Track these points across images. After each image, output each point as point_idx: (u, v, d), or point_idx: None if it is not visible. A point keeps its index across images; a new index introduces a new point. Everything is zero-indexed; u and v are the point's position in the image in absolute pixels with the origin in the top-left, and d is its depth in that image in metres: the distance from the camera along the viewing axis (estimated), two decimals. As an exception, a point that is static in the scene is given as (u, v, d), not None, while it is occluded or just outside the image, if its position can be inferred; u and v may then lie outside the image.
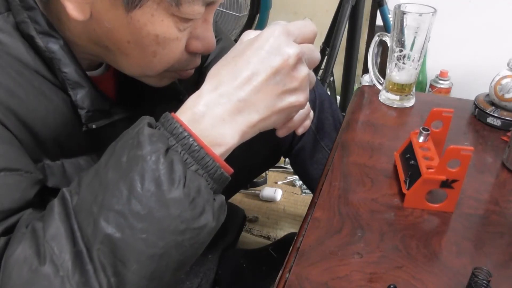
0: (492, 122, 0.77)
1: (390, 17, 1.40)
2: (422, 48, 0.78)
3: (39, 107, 0.46)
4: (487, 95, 0.80)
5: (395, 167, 0.65)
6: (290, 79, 0.43)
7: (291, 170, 1.47)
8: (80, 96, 0.48)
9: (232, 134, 0.42)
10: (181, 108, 0.42)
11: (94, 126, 0.50)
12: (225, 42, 0.82)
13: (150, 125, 0.40)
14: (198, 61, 0.54)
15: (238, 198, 1.39)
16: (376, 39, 0.84)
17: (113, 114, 0.53)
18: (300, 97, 0.45)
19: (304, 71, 0.44)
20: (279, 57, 0.42)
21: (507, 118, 0.75)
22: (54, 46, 0.46)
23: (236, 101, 0.41)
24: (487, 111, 0.77)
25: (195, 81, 0.78)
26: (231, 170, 0.43)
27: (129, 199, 0.36)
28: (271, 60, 0.42)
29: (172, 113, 0.41)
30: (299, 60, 0.43)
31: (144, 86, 0.58)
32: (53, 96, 0.47)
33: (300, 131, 0.56)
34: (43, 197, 0.49)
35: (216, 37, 0.82)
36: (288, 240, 1.11)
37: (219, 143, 0.41)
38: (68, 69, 0.47)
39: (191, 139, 0.39)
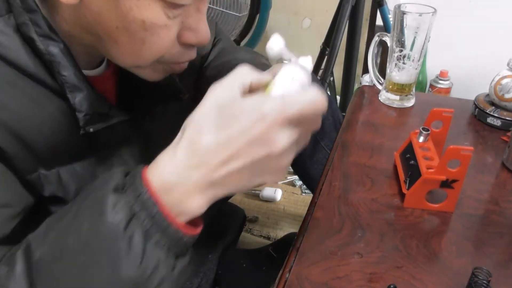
0: (492, 122, 0.77)
1: (390, 17, 1.40)
2: (422, 48, 0.78)
3: (33, 117, 0.46)
4: (487, 95, 0.80)
5: (395, 167, 0.65)
6: (270, 168, 0.40)
7: (291, 170, 1.46)
8: (79, 99, 0.48)
9: (200, 205, 0.40)
10: (153, 166, 0.40)
11: (91, 130, 0.49)
12: (224, 43, 0.82)
13: (116, 189, 0.38)
14: (192, 54, 0.52)
15: (238, 198, 1.39)
16: (376, 39, 0.84)
17: (111, 117, 0.53)
18: (276, 177, 0.41)
19: (288, 159, 0.40)
20: (264, 149, 0.38)
21: (507, 118, 0.75)
22: (54, 49, 0.46)
23: (209, 181, 0.39)
24: (487, 111, 0.77)
25: (195, 80, 0.78)
26: (198, 231, 0.42)
27: (84, 273, 0.38)
28: (254, 149, 0.38)
29: (143, 172, 0.39)
30: (286, 151, 0.39)
31: (143, 85, 0.58)
32: (48, 104, 0.47)
33: None
34: (39, 208, 0.50)
35: (215, 37, 0.82)
36: (288, 240, 1.11)
37: (185, 212, 0.40)
38: (67, 72, 0.47)
39: (155, 209, 0.38)
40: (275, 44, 0.45)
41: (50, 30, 0.46)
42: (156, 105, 0.65)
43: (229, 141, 0.38)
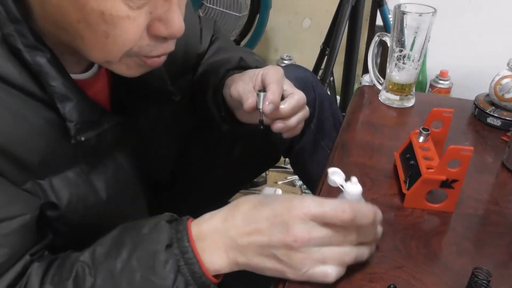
0: (492, 122, 0.77)
1: (390, 17, 1.40)
2: (422, 48, 0.78)
3: (20, 133, 0.45)
4: (487, 95, 0.80)
5: (395, 167, 0.65)
6: (291, 258, 0.43)
7: (291, 170, 1.47)
8: (68, 108, 0.47)
9: (222, 261, 0.46)
10: (196, 221, 0.47)
11: (83, 138, 0.49)
12: (222, 42, 0.81)
13: (167, 246, 0.44)
14: (167, 47, 0.49)
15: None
16: (376, 39, 0.84)
17: (102, 123, 0.52)
18: (290, 272, 0.44)
19: (313, 257, 0.43)
20: (282, 233, 0.42)
21: (507, 118, 0.75)
22: (41, 60, 0.45)
23: (233, 243, 0.45)
24: (487, 111, 0.77)
25: (189, 81, 0.77)
26: (220, 279, 0.48)
27: None
28: (273, 232, 0.43)
29: (188, 228, 0.45)
30: (304, 244, 0.42)
31: (135, 85, 0.57)
32: (36, 117, 0.46)
33: (285, 135, 0.64)
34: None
35: (212, 35, 0.82)
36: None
37: (211, 263, 0.45)
38: (56, 83, 0.46)
39: (197, 266, 0.44)
40: (336, 177, 0.53)
41: (36, 40, 0.45)
42: (150, 105, 0.64)
43: (258, 218, 0.44)
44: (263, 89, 0.59)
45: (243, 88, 0.61)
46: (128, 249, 0.45)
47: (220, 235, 0.45)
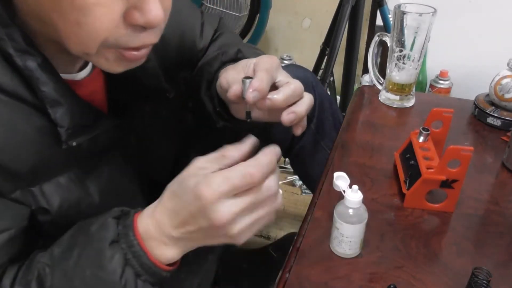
0: (492, 122, 0.77)
1: (390, 17, 1.40)
2: (422, 48, 0.78)
3: (10, 143, 0.44)
4: (487, 95, 0.80)
5: (395, 167, 0.65)
6: (223, 234, 0.44)
7: (291, 170, 1.47)
8: (60, 114, 0.46)
9: (173, 253, 0.47)
10: (141, 217, 0.47)
11: (74, 143, 0.48)
12: (226, 38, 0.78)
13: (112, 242, 0.45)
14: (147, 39, 0.45)
15: (238, 198, 1.39)
16: (376, 39, 0.84)
17: (96, 127, 0.51)
18: (234, 241, 0.45)
19: (239, 226, 0.44)
20: (206, 221, 0.43)
21: (507, 118, 0.75)
22: (32, 64, 0.44)
23: (173, 237, 0.46)
24: (487, 111, 0.77)
25: (186, 78, 0.75)
26: (175, 267, 0.49)
27: None
28: (198, 221, 0.44)
29: (134, 223, 0.46)
30: (234, 219, 0.43)
31: (130, 83, 0.56)
32: (26, 125, 0.46)
33: (298, 132, 0.58)
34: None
35: (216, 31, 0.78)
36: (288, 240, 1.11)
37: (163, 257, 0.47)
38: (46, 88, 0.45)
39: (145, 257, 0.46)
40: (340, 182, 0.54)
41: (27, 44, 0.44)
42: (146, 103, 0.63)
43: (177, 211, 0.45)
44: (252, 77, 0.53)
45: (232, 77, 0.57)
46: (79, 248, 0.46)
47: (160, 233, 0.46)
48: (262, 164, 0.43)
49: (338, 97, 1.60)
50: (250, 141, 0.47)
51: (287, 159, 1.46)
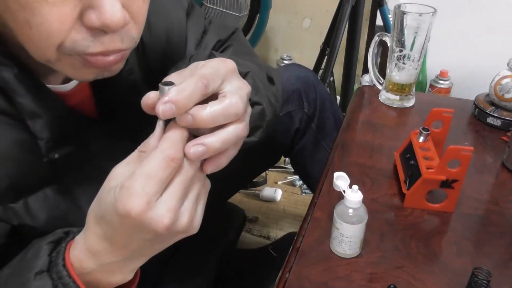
0: (492, 122, 0.77)
1: (390, 17, 1.40)
2: (422, 48, 0.78)
3: None
4: (487, 95, 0.80)
5: (395, 167, 0.65)
6: (174, 232, 0.38)
7: (291, 170, 1.47)
8: (39, 126, 0.44)
9: (121, 278, 0.42)
10: (73, 247, 0.42)
11: (56, 156, 0.46)
12: (233, 52, 0.69)
13: (39, 272, 0.40)
14: (109, 44, 0.41)
15: (238, 198, 1.39)
16: (376, 39, 0.84)
17: (79, 139, 0.49)
18: (190, 230, 0.39)
19: (188, 214, 0.38)
20: (149, 232, 0.37)
21: (507, 118, 0.75)
22: (8, 75, 0.42)
23: (117, 261, 0.41)
24: (487, 111, 0.77)
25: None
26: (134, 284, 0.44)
27: None
28: (139, 236, 0.38)
29: (66, 253, 0.41)
30: (173, 221, 0.37)
31: (115, 93, 0.54)
32: (4, 141, 0.43)
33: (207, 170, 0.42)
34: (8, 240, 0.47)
35: (223, 42, 0.71)
36: (288, 240, 1.11)
37: (111, 284, 0.42)
38: (24, 100, 0.43)
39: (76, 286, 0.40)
40: (340, 182, 0.53)
41: (2, 55, 0.42)
42: (133, 109, 0.60)
43: (110, 236, 0.39)
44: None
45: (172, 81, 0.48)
46: (12, 277, 0.42)
47: (99, 264, 0.41)
48: (175, 140, 0.37)
49: (338, 97, 1.60)
50: (160, 123, 0.39)
51: (287, 159, 1.46)
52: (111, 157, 0.54)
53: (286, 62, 1.92)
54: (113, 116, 0.56)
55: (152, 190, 0.35)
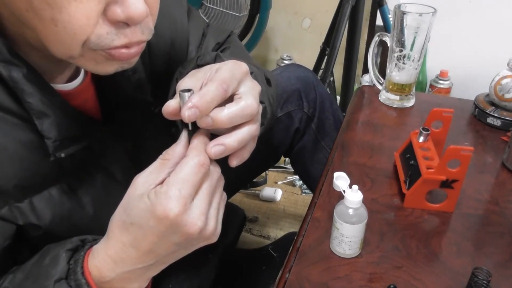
0: (492, 122, 0.77)
1: (390, 17, 1.40)
2: (422, 48, 0.78)
3: None
4: (487, 95, 0.80)
5: (395, 167, 0.65)
6: (204, 236, 0.41)
7: (291, 170, 1.47)
8: (46, 125, 0.45)
9: (138, 286, 0.45)
10: (92, 256, 0.44)
11: (62, 155, 0.46)
12: (231, 54, 0.71)
13: (58, 279, 0.42)
14: (132, 36, 0.42)
15: (238, 198, 1.39)
16: (376, 39, 0.84)
17: (88, 136, 0.50)
18: (212, 238, 0.43)
19: (215, 219, 0.42)
20: (180, 238, 0.41)
21: (507, 118, 0.75)
22: (17, 75, 0.43)
23: (138, 269, 0.43)
24: (487, 111, 0.77)
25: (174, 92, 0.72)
26: None
27: None
28: (170, 238, 0.41)
29: (84, 262, 0.43)
30: (205, 223, 0.41)
31: (120, 93, 0.55)
32: (11, 141, 0.44)
33: (233, 163, 0.47)
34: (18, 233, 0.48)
35: (221, 45, 0.73)
36: (288, 240, 1.11)
37: None
38: (32, 99, 0.44)
39: None
40: (340, 182, 0.53)
41: (11, 55, 0.43)
42: (136, 111, 0.60)
43: (137, 241, 0.41)
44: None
45: (184, 86, 0.48)
46: (29, 282, 0.44)
47: (120, 272, 0.43)
48: (200, 147, 0.41)
49: (338, 97, 1.60)
50: (185, 133, 0.44)
51: (287, 159, 1.46)
52: (113, 158, 0.56)
53: (286, 62, 1.92)
54: (116, 116, 0.57)
55: (187, 193, 0.39)
